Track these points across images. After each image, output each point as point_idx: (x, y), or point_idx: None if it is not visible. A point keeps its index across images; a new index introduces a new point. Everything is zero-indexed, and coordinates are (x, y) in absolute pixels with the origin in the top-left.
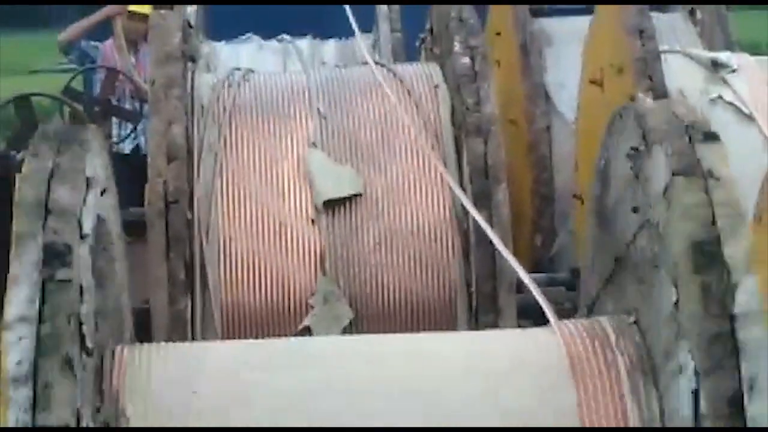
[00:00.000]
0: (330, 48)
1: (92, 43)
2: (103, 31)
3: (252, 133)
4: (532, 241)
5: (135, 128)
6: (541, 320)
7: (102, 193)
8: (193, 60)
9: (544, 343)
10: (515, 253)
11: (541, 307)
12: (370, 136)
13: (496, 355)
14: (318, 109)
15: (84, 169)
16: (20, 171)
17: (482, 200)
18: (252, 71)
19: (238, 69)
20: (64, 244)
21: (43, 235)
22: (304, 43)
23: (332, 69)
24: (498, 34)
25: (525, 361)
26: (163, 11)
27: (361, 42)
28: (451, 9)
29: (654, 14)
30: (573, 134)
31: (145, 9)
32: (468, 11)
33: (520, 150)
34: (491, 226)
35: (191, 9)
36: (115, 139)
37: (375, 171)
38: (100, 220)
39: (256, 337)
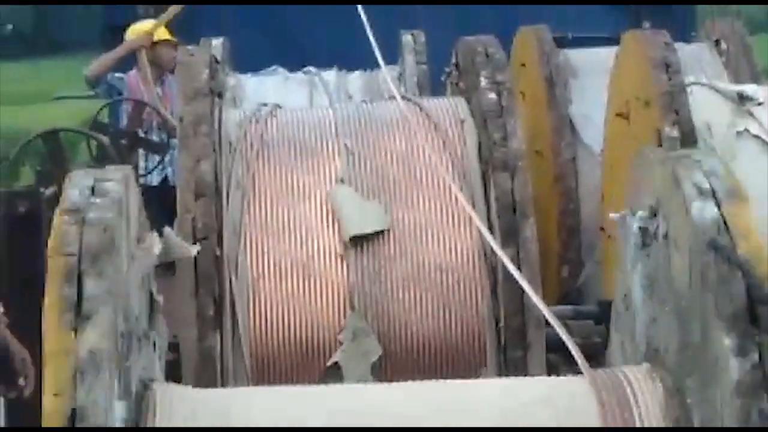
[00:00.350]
0: (356, 80)
1: (117, 75)
2: (127, 61)
3: (279, 169)
4: (558, 273)
5: (162, 160)
6: (570, 354)
7: None
8: (221, 96)
9: (576, 394)
10: (542, 285)
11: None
12: (398, 172)
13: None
14: (345, 145)
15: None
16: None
17: (510, 236)
18: (279, 106)
19: (266, 104)
20: None
21: None
22: (330, 75)
23: (359, 104)
24: (523, 65)
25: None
26: (190, 47)
27: (387, 75)
28: (477, 44)
29: (679, 45)
30: (599, 166)
31: (165, 34)
32: (494, 46)
33: (547, 181)
34: (519, 262)
35: (217, 42)
36: (142, 172)
37: (402, 207)
38: None
39: (285, 373)
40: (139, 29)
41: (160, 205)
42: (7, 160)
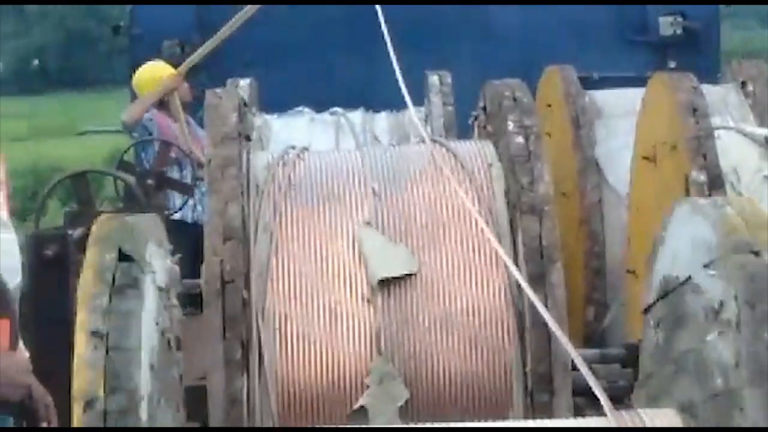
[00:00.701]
0: (382, 121)
1: (146, 115)
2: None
3: (307, 212)
4: (584, 314)
5: (188, 199)
6: (597, 398)
7: None
8: (249, 138)
9: None
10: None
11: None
12: (425, 215)
13: None
14: (373, 188)
15: None
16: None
17: (537, 281)
18: (306, 149)
19: (293, 147)
20: None
21: None
22: (357, 116)
23: (387, 147)
24: (549, 105)
25: None
26: (218, 90)
27: (414, 116)
28: (505, 88)
29: (705, 86)
30: (625, 208)
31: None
32: (521, 90)
33: (572, 222)
34: (546, 307)
35: (244, 83)
36: (170, 210)
37: (430, 250)
38: None
39: (312, 415)
40: (149, 76)
41: (189, 240)
42: (36, 195)
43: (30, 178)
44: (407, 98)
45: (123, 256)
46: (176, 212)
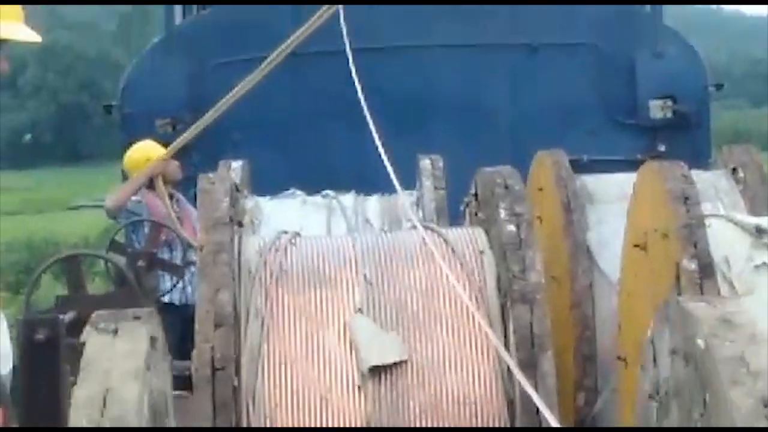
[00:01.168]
0: (373, 204)
1: (134, 198)
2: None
3: (298, 298)
4: (574, 399)
5: (178, 281)
6: None
7: None
8: (240, 224)
9: None
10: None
11: None
12: (417, 303)
13: None
14: (364, 275)
15: None
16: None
17: (528, 369)
18: (298, 234)
19: (285, 232)
20: None
21: None
22: (348, 200)
23: (378, 234)
24: (540, 189)
25: None
26: (211, 175)
27: (406, 202)
28: (497, 175)
29: (695, 172)
30: (616, 293)
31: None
32: (513, 177)
33: (563, 307)
34: (537, 395)
35: (236, 165)
36: (161, 292)
37: (421, 337)
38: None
39: None
40: (139, 156)
41: (179, 322)
42: (29, 269)
43: (24, 252)
44: (396, 183)
45: None
46: (166, 294)
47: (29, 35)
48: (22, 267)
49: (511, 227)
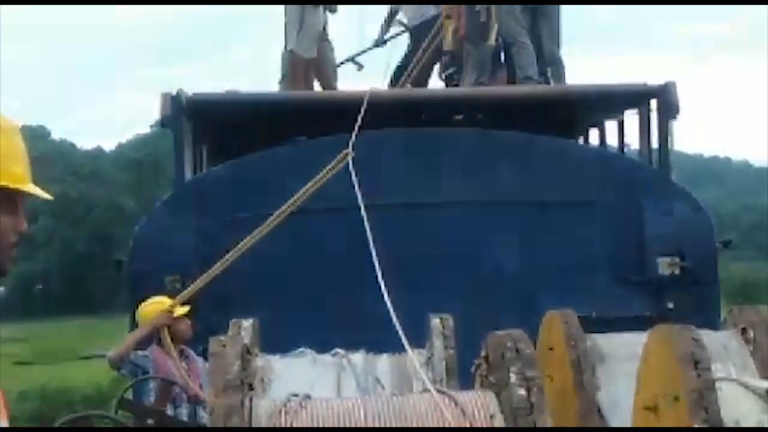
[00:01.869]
0: (384, 363)
1: (141, 353)
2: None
3: None
4: None
5: None
6: None
7: None
8: (251, 387)
9: None
10: None
11: None
12: None
13: None
14: None
15: None
16: None
17: None
18: (309, 397)
19: (296, 395)
20: None
21: None
22: (358, 358)
23: (389, 397)
24: (551, 349)
25: None
26: (222, 337)
27: (416, 363)
28: (507, 339)
29: (705, 332)
30: None
31: (183, 310)
32: (524, 341)
33: None
34: None
35: (247, 324)
36: None
37: None
38: None
39: None
40: (153, 309)
41: None
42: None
43: (37, 401)
44: (406, 344)
45: None
46: None
47: (41, 192)
48: (35, 416)
49: (522, 391)
